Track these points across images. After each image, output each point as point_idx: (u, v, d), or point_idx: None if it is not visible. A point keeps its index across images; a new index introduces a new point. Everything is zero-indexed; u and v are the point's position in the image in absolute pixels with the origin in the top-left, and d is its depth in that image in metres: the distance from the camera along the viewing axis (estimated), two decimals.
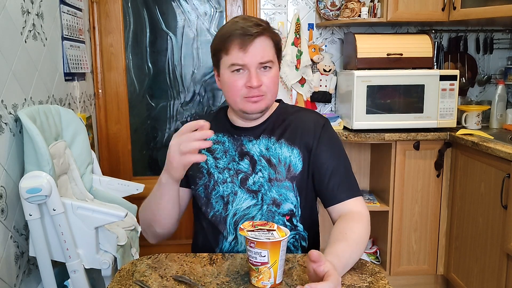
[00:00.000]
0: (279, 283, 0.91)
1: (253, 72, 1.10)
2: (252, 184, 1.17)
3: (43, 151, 1.47)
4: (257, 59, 1.09)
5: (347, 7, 2.55)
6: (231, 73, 1.11)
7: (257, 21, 1.11)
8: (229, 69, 1.11)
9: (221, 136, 1.22)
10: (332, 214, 1.16)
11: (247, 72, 1.11)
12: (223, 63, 1.13)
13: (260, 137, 1.19)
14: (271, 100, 1.16)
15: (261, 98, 1.13)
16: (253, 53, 1.09)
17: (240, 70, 1.11)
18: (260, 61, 1.10)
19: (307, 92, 2.74)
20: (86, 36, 2.46)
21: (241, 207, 1.16)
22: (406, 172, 2.40)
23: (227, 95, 1.16)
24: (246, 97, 1.12)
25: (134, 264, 1.03)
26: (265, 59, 1.10)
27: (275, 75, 1.14)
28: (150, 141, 2.88)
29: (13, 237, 1.53)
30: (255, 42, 1.09)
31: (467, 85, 2.79)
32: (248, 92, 1.11)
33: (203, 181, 1.20)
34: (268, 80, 1.12)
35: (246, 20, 1.11)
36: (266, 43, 1.11)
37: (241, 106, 1.14)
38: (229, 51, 1.10)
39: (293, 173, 1.17)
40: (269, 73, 1.13)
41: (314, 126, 1.20)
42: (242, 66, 1.10)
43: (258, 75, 1.11)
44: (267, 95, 1.14)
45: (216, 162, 1.19)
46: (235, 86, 1.12)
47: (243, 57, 1.09)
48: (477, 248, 2.14)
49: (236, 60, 1.09)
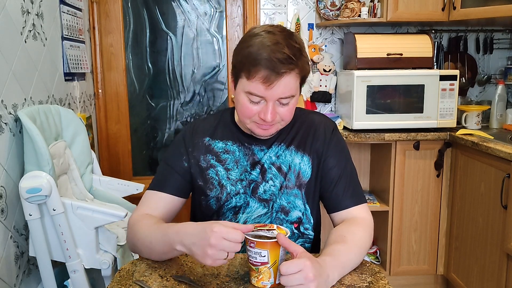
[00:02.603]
0: (279, 283, 0.91)
1: (270, 106, 1.02)
2: (263, 192, 1.14)
3: (43, 151, 1.47)
4: (278, 94, 1.01)
5: (347, 7, 2.55)
6: (248, 99, 1.04)
7: (289, 53, 0.98)
8: (246, 94, 1.04)
9: (230, 145, 1.17)
10: (335, 220, 1.15)
11: (264, 102, 1.03)
12: (241, 83, 1.04)
13: (272, 146, 1.16)
14: (283, 125, 1.11)
15: (272, 127, 1.08)
16: (276, 89, 1.00)
17: (257, 99, 1.03)
18: (281, 96, 1.02)
19: (307, 92, 2.74)
20: (86, 36, 2.46)
21: (252, 215, 1.15)
22: (406, 172, 2.40)
23: (239, 112, 1.10)
24: (256, 123, 1.07)
25: (134, 264, 1.03)
26: (286, 94, 1.02)
27: (293, 105, 1.07)
28: (150, 141, 2.88)
29: (13, 237, 1.53)
30: (281, 80, 0.99)
31: (467, 85, 2.79)
32: (260, 120, 1.05)
33: (215, 193, 1.16)
34: (284, 112, 1.05)
35: (278, 46, 0.98)
36: (293, 80, 1.02)
37: (250, 128, 1.09)
38: (251, 79, 1.00)
39: (302, 180, 1.15)
40: (287, 106, 1.05)
41: (324, 131, 1.18)
42: (261, 98, 1.02)
43: (275, 109, 1.03)
44: (281, 122, 1.08)
45: (228, 173, 1.15)
46: (248, 112, 1.05)
47: (264, 91, 1.00)
48: (477, 248, 2.14)
49: (256, 91, 1.01)
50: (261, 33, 1.02)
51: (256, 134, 1.10)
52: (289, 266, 0.82)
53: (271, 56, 0.97)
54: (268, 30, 1.03)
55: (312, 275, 0.82)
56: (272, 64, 0.97)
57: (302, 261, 0.83)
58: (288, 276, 0.82)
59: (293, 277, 0.81)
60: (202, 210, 1.19)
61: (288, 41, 1.00)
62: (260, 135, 1.10)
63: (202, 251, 0.87)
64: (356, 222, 1.09)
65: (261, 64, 0.98)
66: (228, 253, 0.86)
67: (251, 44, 1.01)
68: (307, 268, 0.82)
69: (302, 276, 0.81)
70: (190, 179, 1.17)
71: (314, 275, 0.82)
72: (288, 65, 0.98)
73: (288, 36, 1.02)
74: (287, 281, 0.82)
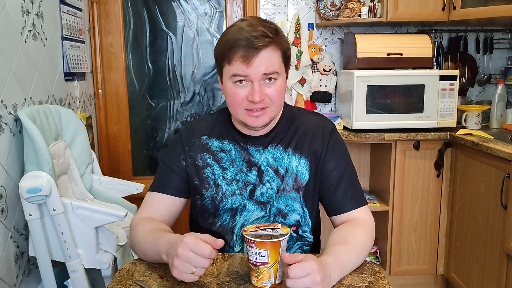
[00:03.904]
0: (279, 283, 0.91)
1: (256, 85, 1.03)
2: (260, 195, 1.14)
3: (43, 151, 1.47)
4: (261, 70, 1.02)
5: (347, 7, 2.55)
6: (233, 84, 1.05)
7: (264, 30, 1.01)
8: (231, 79, 1.05)
9: (226, 144, 1.17)
10: (336, 223, 1.14)
11: (250, 84, 1.04)
12: (225, 71, 1.06)
13: (268, 147, 1.15)
14: (275, 111, 1.10)
15: (263, 112, 1.07)
16: (257, 65, 1.01)
17: (243, 82, 1.04)
18: (265, 72, 1.03)
19: (307, 92, 2.74)
20: (86, 36, 2.46)
21: (249, 218, 1.14)
22: (406, 172, 2.40)
23: (229, 105, 1.11)
24: (247, 110, 1.06)
25: (134, 264, 1.03)
26: (269, 70, 1.03)
27: (280, 86, 1.07)
28: (150, 141, 2.88)
29: (13, 237, 1.53)
30: (260, 54, 1.01)
31: (467, 85, 2.79)
32: (249, 104, 1.05)
33: (210, 193, 1.15)
34: (272, 92, 1.05)
35: (253, 27, 1.02)
36: (272, 54, 1.03)
37: (243, 119, 1.08)
38: (231, 62, 1.03)
39: (300, 183, 1.14)
40: (274, 85, 1.05)
41: (323, 132, 1.17)
42: (245, 77, 1.03)
43: (262, 88, 1.04)
44: (271, 107, 1.07)
45: (223, 172, 1.15)
46: (237, 98, 1.05)
47: (246, 69, 1.02)
48: (477, 248, 2.14)
49: (238, 71, 1.02)
50: (236, 23, 1.08)
51: (249, 125, 1.09)
52: (297, 270, 0.82)
53: (246, 35, 1.01)
54: (243, 18, 1.09)
55: (319, 279, 0.82)
56: (248, 42, 1.01)
57: (309, 265, 0.83)
58: (295, 280, 0.82)
59: (301, 280, 0.82)
60: (198, 211, 1.19)
61: (263, 23, 1.05)
62: (253, 126, 1.09)
63: (171, 261, 0.87)
64: (357, 223, 1.09)
65: (238, 45, 1.01)
66: (196, 268, 0.85)
67: (227, 33, 1.06)
68: (314, 272, 0.82)
69: (310, 280, 0.82)
70: (188, 178, 1.18)
71: (321, 278, 0.83)
72: (264, 39, 1.01)
73: (262, 20, 1.07)
74: (295, 284, 0.82)
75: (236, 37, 1.02)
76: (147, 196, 1.18)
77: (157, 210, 1.15)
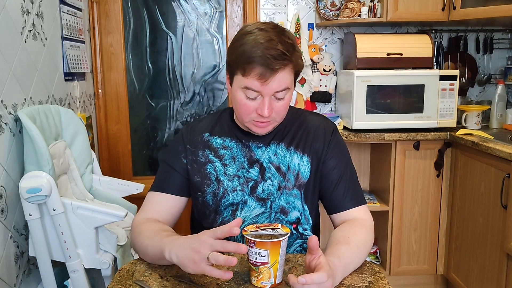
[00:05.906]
0: (279, 283, 0.91)
1: (267, 101, 1.04)
2: (261, 192, 1.15)
3: (43, 151, 1.47)
4: (274, 88, 1.03)
5: (347, 7, 2.55)
6: (244, 95, 1.06)
7: (282, 49, 1.00)
8: (243, 90, 1.06)
9: (228, 141, 1.18)
10: (336, 221, 1.15)
11: (260, 98, 1.05)
12: (238, 80, 1.06)
13: (270, 144, 1.17)
14: (279, 122, 1.13)
15: (269, 123, 1.10)
16: (272, 83, 1.02)
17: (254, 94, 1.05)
18: (276, 90, 1.04)
19: (307, 92, 2.74)
20: (86, 36, 2.46)
21: (250, 215, 1.15)
22: (406, 172, 2.40)
23: (237, 111, 1.12)
24: (254, 121, 1.09)
25: (134, 264, 1.03)
26: (281, 87, 1.04)
27: (288, 100, 1.09)
28: (150, 141, 2.88)
29: (13, 237, 1.53)
30: (276, 75, 1.02)
31: (467, 85, 2.79)
32: (258, 117, 1.07)
33: (212, 189, 1.16)
34: (279, 107, 1.07)
35: (271, 43, 1.00)
36: (287, 74, 1.04)
37: (248, 126, 1.12)
38: (246, 75, 1.03)
39: (301, 181, 1.16)
40: (282, 100, 1.07)
41: (324, 132, 1.19)
42: (257, 92, 1.04)
43: (271, 104, 1.06)
44: (276, 119, 1.10)
45: (225, 168, 1.16)
46: (247, 109, 1.07)
47: (260, 86, 1.02)
48: (477, 248, 2.14)
49: (252, 86, 1.03)
50: (253, 30, 1.04)
51: (253, 131, 1.12)
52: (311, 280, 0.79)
53: (265, 53, 0.99)
54: (261, 27, 1.04)
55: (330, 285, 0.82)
56: (266, 61, 0.99)
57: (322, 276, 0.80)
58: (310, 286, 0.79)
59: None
60: (199, 208, 1.20)
61: (281, 37, 1.03)
62: (257, 133, 1.13)
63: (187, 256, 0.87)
64: (357, 223, 1.10)
65: (256, 62, 1.00)
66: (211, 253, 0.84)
67: (245, 42, 1.03)
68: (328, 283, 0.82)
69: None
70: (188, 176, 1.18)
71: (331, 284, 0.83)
72: (282, 61, 1.01)
73: (280, 33, 1.04)
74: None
75: (254, 52, 1.00)
76: (148, 196, 1.18)
77: (158, 210, 1.15)
